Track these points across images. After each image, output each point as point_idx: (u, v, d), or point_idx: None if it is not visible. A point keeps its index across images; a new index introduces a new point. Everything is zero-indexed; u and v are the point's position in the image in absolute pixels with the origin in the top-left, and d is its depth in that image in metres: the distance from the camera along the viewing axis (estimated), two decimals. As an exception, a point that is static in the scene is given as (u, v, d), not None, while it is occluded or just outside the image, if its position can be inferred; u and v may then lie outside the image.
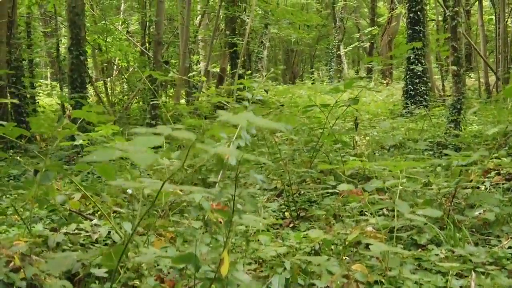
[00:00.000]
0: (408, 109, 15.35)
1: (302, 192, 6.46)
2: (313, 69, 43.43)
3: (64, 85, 15.16)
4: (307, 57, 45.64)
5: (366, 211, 5.10)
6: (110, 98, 16.91)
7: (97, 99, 17.52)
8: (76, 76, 10.49)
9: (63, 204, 3.98)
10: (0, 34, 11.02)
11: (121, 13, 20.91)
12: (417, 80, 15.58)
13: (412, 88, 15.64)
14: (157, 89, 10.74)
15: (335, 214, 5.36)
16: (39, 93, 16.62)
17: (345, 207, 5.30)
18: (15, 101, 3.95)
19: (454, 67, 11.07)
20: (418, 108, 15.30)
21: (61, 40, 16.93)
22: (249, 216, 2.40)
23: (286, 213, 5.75)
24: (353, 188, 5.39)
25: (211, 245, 2.68)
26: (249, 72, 21.64)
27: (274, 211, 5.89)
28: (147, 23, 16.19)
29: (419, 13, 15.67)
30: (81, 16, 10.84)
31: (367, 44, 36.32)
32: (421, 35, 15.73)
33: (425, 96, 15.75)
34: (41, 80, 23.80)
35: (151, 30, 15.63)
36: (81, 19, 10.78)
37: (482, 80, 20.38)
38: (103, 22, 16.35)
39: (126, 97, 17.07)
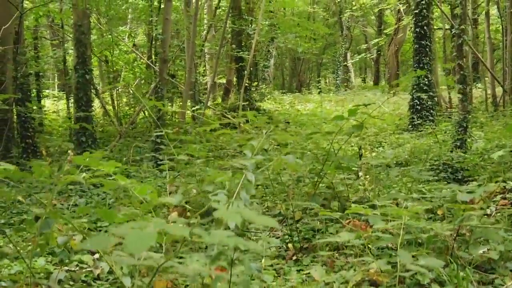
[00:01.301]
0: (414, 124, 15.31)
1: (306, 220, 6.44)
2: (320, 78, 43.37)
3: (71, 96, 15.19)
4: (314, 65, 45.59)
5: (370, 245, 5.07)
6: (117, 110, 16.93)
7: (104, 112, 17.55)
8: (81, 94, 10.50)
9: (65, 245, 3.97)
10: (7, 51, 11.04)
11: (127, 25, 20.93)
12: (424, 95, 15.54)
13: (418, 103, 15.61)
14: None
15: (338, 247, 5.34)
16: (45, 114, 16.75)
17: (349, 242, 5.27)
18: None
19: (460, 85, 11.02)
20: (425, 122, 15.26)
21: (68, 52, 16.98)
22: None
23: (290, 245, 5.73)
24: (358, 223, 5.39)
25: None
26: (255, 83, 21.66)
27: (277, 239, 5.88)
28: (153, 37, 16.21)
29: (425, 27, 15.64)
30: (87, 35, 10.86)
31: (374, 55, 36.28)
32: (427, 49, 15.70)
33: (431, 111, 15.70)
34: (48, 91, 23.86)
35: (158, 43, 15.63)
36: (87, 37, 10.80)
37: (489, 90, 20.28)
38: (109, 35, 16.35)
39: (132, 109, 17.09)
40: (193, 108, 8.21)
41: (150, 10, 16.79)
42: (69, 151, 3.78)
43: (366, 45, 35.27)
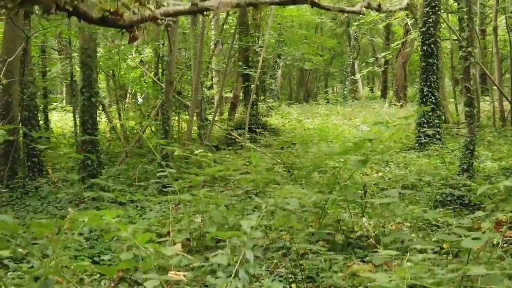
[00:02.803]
0: (421, 142, 15.22)
1: (310, 256, 6.41)
2: (327, 88, 43.29)
3: (77, 109, 15.19)
4: (322, 75, 45.49)
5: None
6: (124, 127, 16.94)
7: (110, 128, 17.54)
8: (87, 117, 10.50)
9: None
10: (13, 74, 11.07)
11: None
12: (431, 113, 15.45)
13: (425, 121, 15.52)
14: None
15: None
16: (52, 132, 16.81)
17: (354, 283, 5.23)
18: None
19: (467, 108, 10.98)
20: (432, 140, 15.17)
21: (75, 68, 17.00)
22: None
23: (293, 285, 5.69)
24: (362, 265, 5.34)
25: None
26: (262, 97, 21.63)
27: (280, 278, 5.86)
28: (160, 54, 16.20)
29: (432, 45, 15.56)
30: (93, 58, 10.86)
31: (382, 68, 36.19)
32: (434, 67, 15.62)
33: (439, 129, 15.61)
34: (55, 104, 23.92)
35: (164, 61, 15.58)
36: (93, 60, 10.80)
37: (496, 103, 20.12)
38: (115, 49, 16.35)
39: (138, 125, 17.07)
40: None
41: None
42: (69, 209, 3.75)
43: (373, 58, 35.14)
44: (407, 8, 21.83)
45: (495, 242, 6.86)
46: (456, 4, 20.08)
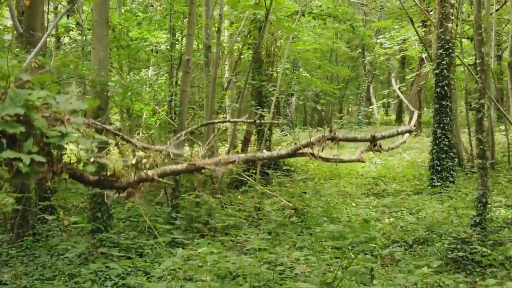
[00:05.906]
0: (434, 185, 15.07)
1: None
2: (342, 114, 43.19)
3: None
4: (336, 98, 45.33)
5: None
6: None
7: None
8: (98, 170, 10.48)
9: None
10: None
11: (149, 70, 21.07)
12: (444, 155, 15.31)
13: (438, 163, 15.37)
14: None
15: None
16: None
17: None
18: None
19: (480, 160, 10.86)
20: (445, 183, 15.02)
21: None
22: None
23: None
24: None
25: None
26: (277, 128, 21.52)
27: None
28: (173, 94, 16.23)
29: (446, 88, 15.40)
30: (105, 106, 10.85)
31: (397, 100, 36.14)
32: (448, 109, 15.45)
33: (452, 172, 15.44)
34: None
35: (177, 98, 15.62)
36: (105, 105, 10.78)
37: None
38: (129, 88, 16.39)
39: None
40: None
41: (170, 66, 16.88)
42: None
43: (387, 90, 34.93)
44: (420, 42, 21.74)
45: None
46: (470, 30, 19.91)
